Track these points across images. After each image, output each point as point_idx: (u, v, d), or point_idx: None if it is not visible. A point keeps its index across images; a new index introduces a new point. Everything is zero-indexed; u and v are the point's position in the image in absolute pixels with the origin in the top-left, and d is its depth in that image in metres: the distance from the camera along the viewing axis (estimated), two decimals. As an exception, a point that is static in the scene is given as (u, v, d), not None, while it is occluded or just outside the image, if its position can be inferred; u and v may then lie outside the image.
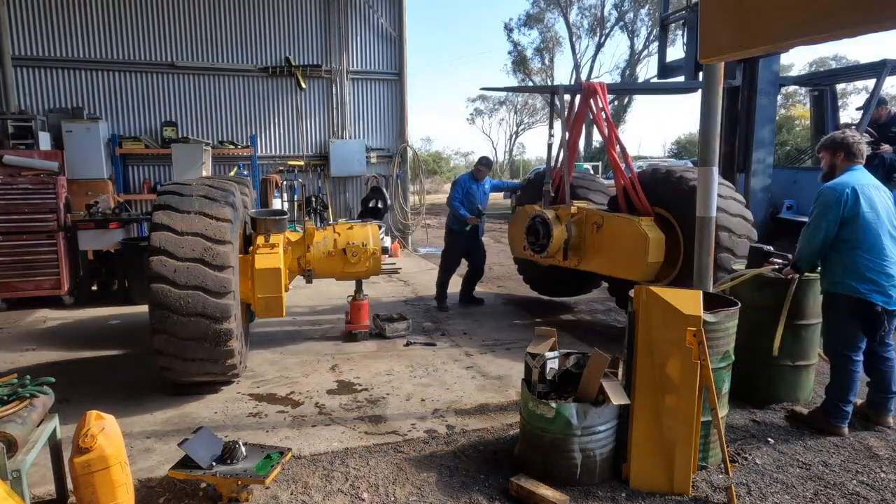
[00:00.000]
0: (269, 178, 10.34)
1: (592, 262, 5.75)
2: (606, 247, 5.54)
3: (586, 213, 5.79)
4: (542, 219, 5.97)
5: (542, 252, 6.00)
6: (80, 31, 9.77)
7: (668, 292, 3.09)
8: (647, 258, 5.02)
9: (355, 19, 11.36)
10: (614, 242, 5.43)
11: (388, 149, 11.85)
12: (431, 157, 50.54)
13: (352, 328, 5.79)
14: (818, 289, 4.13)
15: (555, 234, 5.82)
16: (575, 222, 5.77)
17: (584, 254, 5.80)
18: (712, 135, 3.96)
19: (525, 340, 5.44)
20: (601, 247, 5.60)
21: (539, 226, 6.02)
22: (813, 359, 4.21)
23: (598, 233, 5.59)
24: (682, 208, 5.04)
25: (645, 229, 5.12)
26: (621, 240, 5.34)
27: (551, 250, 5.87)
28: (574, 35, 40.38)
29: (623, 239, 5.32)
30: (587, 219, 5.76)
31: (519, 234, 6.46)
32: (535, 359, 3.27)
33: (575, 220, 5.77)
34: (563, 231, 5.82)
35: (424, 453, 3.50)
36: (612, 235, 5.46)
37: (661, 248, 5.13)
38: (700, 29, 1.80)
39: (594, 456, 3.11)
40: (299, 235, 5.37)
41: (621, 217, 5.43)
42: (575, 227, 5.76)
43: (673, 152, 39.02)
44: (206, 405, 4.21)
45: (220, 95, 10.74)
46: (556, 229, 5.83)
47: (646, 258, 5.03)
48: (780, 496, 3.04)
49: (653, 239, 5.08)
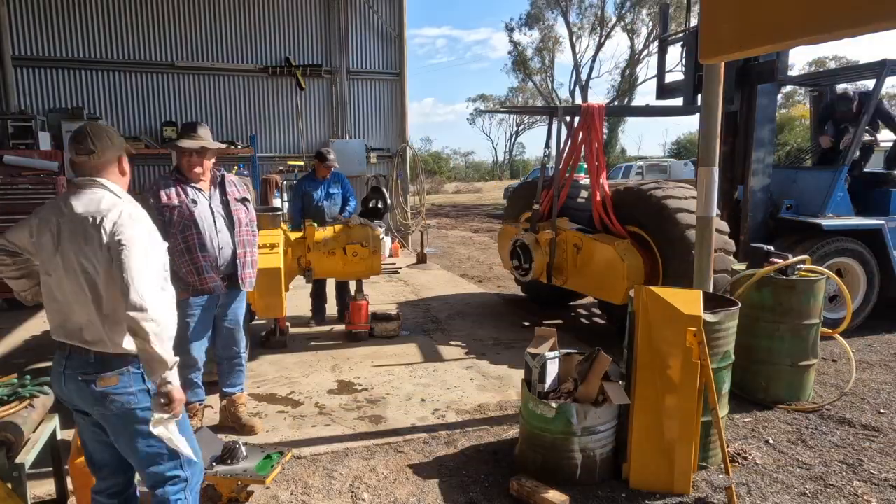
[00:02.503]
0: (269, 177, 10.33)
1: (577, 282, 5.73)
2: (587, 269, 5.53)
3: (565, 235, 5.72)
4: (523, 244, 5.96)
5: (526, 276, 6.00)
6: (80, 31, 9.77)
7: (668, 292, 3.09)
8: (625, 284, 4.96)
9: (355, 19, 11.35)
10: (593, 266, 5.42)
11: (388, 149, 11.85)
12: (431, 156, 50.56)
13: (352, 328, 5.79)
14: (818, 289, 4.14)
15: (536, 258, 5.79)
16: (557, 243, 5.74)
17: (567, 274, 5.79)
18: (712, 135, 3.96)
19: (525, 340, 5.44)
20: (582, 268, 5.60)
21: (520, 251, 6.01)
22: (813, 359, 4.21)
23: (579, 254, 5.58)
24: (656, 226, 5.02)
25: (621, 254, 5.06)
26: (599, 263, 5.33)
27: (534, 273, 5.86)
28: (574, 35, 40.40)
29: (601, 263, 5.30)
30: (567, 240, 5.71)
31: (505, 253, 6.45)
32: (535, 359, 3.27)
33: (557, 242, 5.74)
34: (544, 255, 5.80)
35: (425, 453, 3.50)
36: (591, 258, 5.44)
37: (640, 272, 5.08)
38: (700, 29, 1.80)
39: (594, 456, 3.11)
40: (299, 235, 5.37)
41: (598, 241, 5.36)
42: (557, 248, 5.73)
43: (673, 152, 39.04)
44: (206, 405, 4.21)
45: (220, 95, 10.74)
46: (536, 254, 5.81)
47: (624, 284, 4.98)
48: (780, 496, 3.04)
49: (629, 266, 5.02)
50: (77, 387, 2.06)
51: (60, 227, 2.05)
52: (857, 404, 4.19)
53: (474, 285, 8.52)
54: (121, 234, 2.00)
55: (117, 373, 2.06)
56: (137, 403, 2.08)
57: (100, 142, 2.12)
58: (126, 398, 2.07)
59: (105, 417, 2.08)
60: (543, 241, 5.82)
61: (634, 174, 20.61)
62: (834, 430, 3.81)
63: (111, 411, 2.06)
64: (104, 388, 2.04)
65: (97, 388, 2.04)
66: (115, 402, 2.06)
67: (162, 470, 2.16)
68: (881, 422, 3.90)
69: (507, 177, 48.89)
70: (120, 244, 1.99)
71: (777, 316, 4.12)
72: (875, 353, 5.35)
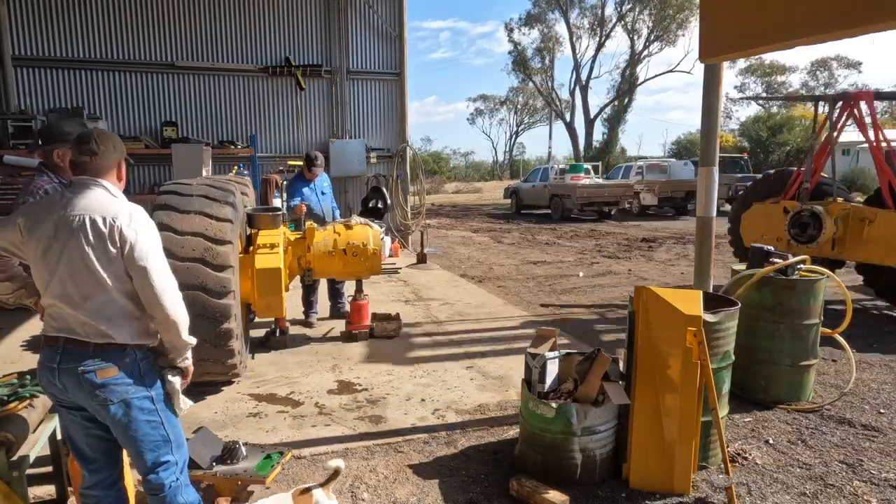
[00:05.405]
0: (269, 178, 10.32)
1: (859, 252, 6.52)
2: (879, 239, 6.30)
3: (852, 209, 6.52)
4: (813, 213, 6.59)
5: (809, 243, 6.60)
6: (80, 31, 9.78)
7: (668, 292, 3.09)
8: None
9: (355, 19, 11.36)
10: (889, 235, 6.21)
11: (388, 149, 11.85)
12: (431, 156, 50.57)
13: (352, 328, 5.79)
14: (818, 289, 4.14)
15: (827, 227, 6.50)
16: (841, 217, 6.51)
17: (847, 245, 6.56)
18: (712, 135, 3.96)
19: (525, 340, 5.45)
20: (872, 239, 6.37)
21: (809, 219, 6.63)
22: (813, 359, 4.21)
23: (870, 227, 6.36)
24: None
25: None
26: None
27: (821, 242, 6.54)
28: (574, 35, 40.42)
29: None
30: (855, 214, 6.50)
31: (759, 226, 7.15)
32: (535, 359, 3.27)
33: (841, 216, 6.51)
34: (832, 225, 6.50)
35: (425, 453, 3.50)
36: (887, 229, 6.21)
37: None
38: (700, 29, 1.80)
39: (594, 456, 3.11)
40: (299, 235, 5.37)
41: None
42: (841, 221, 6.51)
43: (673, 152, 39.05)
44: (206, 405, 4.21)
45: (220, 95, 10.74)
46: (827, 223, 6.49)
47: None
48: (780, 496, 3.04)
49: None
50: (75, 380, 2.09)
51: (59, 224, 2.08)
52: (857, 404, 4.19)
53: (474, 285, 8.52)
54: (136, 236, 2.10)
55: (116, 364, 2.11)
56: (136, 393, 2.15)
57: (104, 144, 2.19)
58: (124, 388, 2.12)
59: (104, 408, 2.11)
60: (834, 211, 6.57)
61: (634, 174, 20.62)
62: (834, 430, 3.81)
63: (111, 401, 2.10)
64: (104, 380, 2.09)
65: (97, 379, 2.09)
66: (114, 392, 2.11)
67: (157, 455, 2.22)
68: (881, 422, 3.90)
69: (507, 177, 48.90)
70: (137, 246, 2.10)
71: (777, 316, 4.12)
72: (875, 352, 5.34)
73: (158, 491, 2.23)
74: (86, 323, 2.09)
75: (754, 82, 45.49)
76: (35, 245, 2.11)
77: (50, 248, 2.09)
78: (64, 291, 2.10)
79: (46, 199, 2.24)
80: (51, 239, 2.09)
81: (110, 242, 2.08)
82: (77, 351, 2.10)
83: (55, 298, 2.11)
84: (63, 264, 2.08)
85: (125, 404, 2.12)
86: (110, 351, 2.11)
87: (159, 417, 2.20)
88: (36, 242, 2.11)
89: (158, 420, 2.20)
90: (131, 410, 2.14)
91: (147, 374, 2.19)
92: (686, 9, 35.45)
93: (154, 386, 2.21)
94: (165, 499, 2.24)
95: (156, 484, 2.22)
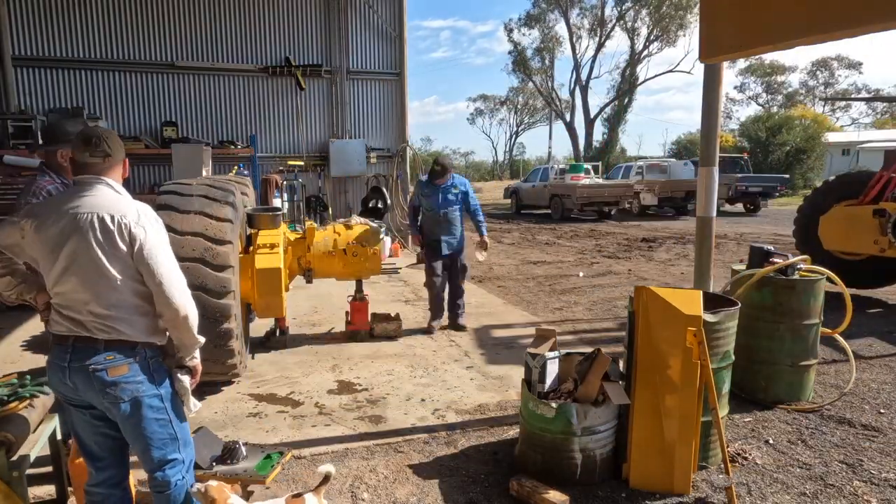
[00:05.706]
0: (269, 177, 10.34)
1: None
2: None
3: None
4: None
5: None
6: (80, 31, 9.78)
7: (668, 292, 3.09)
8: None
9: (355, 19, 11.36)
10: None
11: (388, 149, 11.86)
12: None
13: (352, 328, 5.79)
14: (818, 289, 4.14)
15: None
16: None
17: None
18: (712, 135, 3.96)
19: (525, 340, 5.45)
20: None
21: None
22: (813, 359, 4.21)
23: None
24: None
25: None
26: None
27: None
28: (574, 35, 40.42)
29: None
30: None
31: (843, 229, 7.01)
32: (535, 359, 3.27)
33: None
34: None
35: (425, 453, 3.50)
36: None
37: None
38: (700, 29, 1.80)
39: (594, 456, 3.11)
40: (299, 235, 5.37)
41: None
42: None
43: (673, 152, 39.03)
44: (206, 405, 4.21)
45: (220, 95, 10.74)
46: None
47: None
48: (780, 496, 3.04)
49: None
50: (86, 378, 2.09)
51: (67, 222, 2.08)
52: (857, 404, 4.19)
53: (474, 285, 8.52)
54: (145, 234, 2.11)
55: (127, 361, 2.12)
56: (146, 391, 2.16)
57: (113, 145, 2.22)
58: (135, 386, 2.13)
59: (115, 406, 2.12)
60: None
61: (634, 174, 20.63)
62: (834, 430, 3.81)
63: (122, 399, 2.11)
64: (116, 378, 2.10)
65: (108, 377, 2.09)
66: (125, 389, 2.11)
67: (164, 453, 2.23)
68: (881, 422, 3.90)
69: (507, 177, 48.88)
70: (147, 244, 2.10)
71: (777, 316, 4.12)
72: (875, 353, 5.35)
73: (164, 488, 2.24)
74: (95, 320, 2.10)
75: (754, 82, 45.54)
76: (43, 244, 2.11)
77: (58, 247, 2.09)
78: (73, 289, 2.10)
79: (53, 198, 2.26)
80: (59, 237, 2.09)
81: (119, 240, 2.09)
82: (87, 348, 2.10)
83: (64, 297, 2.12)
84: (72, 263, 2.08)
85: (135, 402, 2.13)
86: (120, 348, 2.12)
87: (168, 415, 2.22)
88: (44, 241, 2.11)
89: (167, 418, 2.22)
90: (141, 408, 2.15)
91: (157, 372, 2.20)
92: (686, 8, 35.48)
93: (163, 384, 2.22)
94: (170, 496, 2.25)
95: (162, 481, 2.23)
